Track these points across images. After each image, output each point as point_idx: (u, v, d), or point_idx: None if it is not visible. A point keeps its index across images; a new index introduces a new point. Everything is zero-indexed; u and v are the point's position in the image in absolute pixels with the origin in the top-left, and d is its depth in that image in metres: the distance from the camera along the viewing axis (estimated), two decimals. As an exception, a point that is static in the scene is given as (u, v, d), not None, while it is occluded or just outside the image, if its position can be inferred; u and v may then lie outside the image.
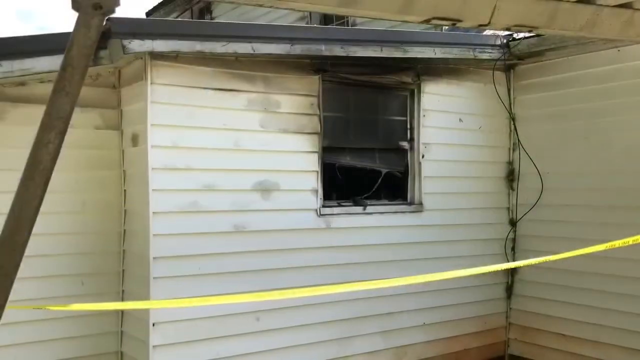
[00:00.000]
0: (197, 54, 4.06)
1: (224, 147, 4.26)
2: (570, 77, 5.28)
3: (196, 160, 4.17)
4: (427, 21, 1.58)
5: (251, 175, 4.37)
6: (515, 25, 1.69)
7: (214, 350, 4.25)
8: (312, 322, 4.66)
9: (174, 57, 4.06)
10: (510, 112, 5.67)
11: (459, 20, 1.60)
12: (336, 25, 7.89)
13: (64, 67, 1.51)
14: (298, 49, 4.29)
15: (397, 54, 4.73)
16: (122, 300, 4.47)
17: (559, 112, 5.36)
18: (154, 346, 4.02)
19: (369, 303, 4.89)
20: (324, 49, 4.43)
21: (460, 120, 5.45)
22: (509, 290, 5.71)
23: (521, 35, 5.20)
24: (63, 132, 1.53)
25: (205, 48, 4.00)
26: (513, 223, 5.69)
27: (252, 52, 4.14)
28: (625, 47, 4.75)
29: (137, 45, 3.73)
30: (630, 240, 2.87)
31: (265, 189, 4.41)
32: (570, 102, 5.27)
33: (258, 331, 4.42)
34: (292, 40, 4.27)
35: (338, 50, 4.48)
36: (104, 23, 1.62)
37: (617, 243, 2.91)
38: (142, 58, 4.01)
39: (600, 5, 1.79)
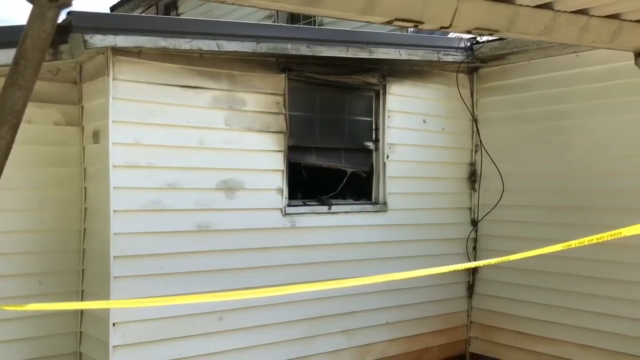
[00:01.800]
0: (161, 50, 4.01)
1: (188, 145, 4.22)
2: (531, 80, 5.40)
3: (159, 158, 4.11)
4: (389, 22, 1.59)
5: (215, 174, 4.33)
6: (476, 29, 1.72)
7: (176, 351, 4.20)
8: (275, 322, 4.65)
9: (137, 53, 4.00)
10: (472, 114, 5.77)
11: (421, 22, 1.61)
12: (303, 24, 7.89)
13: (17, 60, 1.47)
14: (264, 47, 4.27)
15: (362, 54, 4.76)
16: (82, 299, 4.39)
17: (520, 115, 5.48)
18: (114, 346, 3.96)
19: (333, 302, 4.90)
20: (290, 48, 4.42)
21: (424, 121, 5.52)
22: (470, 289, 5.81)
23: (484, 38, 5.29)
24: (15, 127, 1.49)
25: (170, 44, 3.95)
26: (474, 223, 5.79)
27: (217, 49, 4.10)
28: (584, 52, 4.89)
29: (98, 40, 3.66)
30: (585, 241, 2.95)
31: (229, 188, 4.38)
32: (531, 105, 5.39)
33: (221, 331, 4.39)
34: (257, 38, 4.25)
35: (304, 50, 4.48)
36: (64, 16, 1.58)
37: (574, 243, 2.98)
38: (104, 53, 3.94)
39: (558, 11, 1.84)
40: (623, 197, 4.70)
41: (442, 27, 1.69)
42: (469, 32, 1.75)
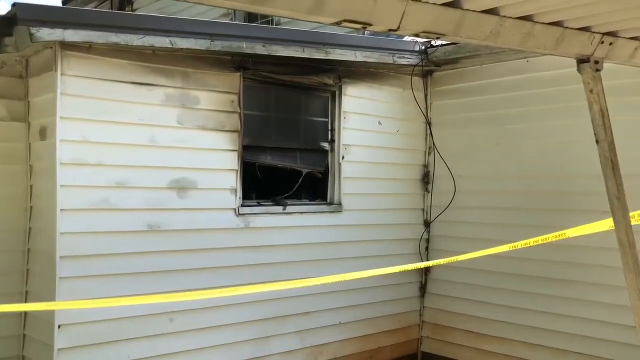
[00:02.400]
0: (112, 45, 3.91)
1: (138, 143, 4.14)
2: (483, 84, 5.51)
3: (109, 156, 4.02)
4: (337, 23, 1.59)
5: (167, 173, 4.26)
6: (424, 32, 1.74)
7: (124, 353, 4.11)
8: (229, 323, 4.60)
9: (87, 48, 3.90)
10: (426, 117, 5.85)
11: (369, 24, 1.62)
12: (260, 23, 7.84)
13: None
14: (218, 45, 4.22)
15: (318, 55, 4.76)
16: (26, 301, 4.24)
17: (472, 118, 5.59)
18: (59, 349, 3.84)
19: (286, 303, 4.89)
20: (245, 47, 4.39)
21: (379, 123, 5.56)
22: (423, 289, 5.89)
23: (438, 42, 5.37)
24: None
25: (121, 40, 3.86)
26: (427, 224, 5.88)
27: (170, 46, 4.04)
28: (533, 58, 5.02)
29: (45, 33, 3.55)
30: (531, 242, 3.03)
31: (181, 187, 4.31)
32: (483, 108, 5.50)
33: (172, 332, 4.32)
34: (212, 36, 4.20)
35: (259, 49, 4.45)
36: (9, 8, 1.52)
37: (520, 244, 3.06)
38: (52, 47, 3.83)
39: (504, 16, 1.87)
40: (569, 200, 4.84)
41: (390, 30, 1.70)
42: (416, 35, 1.77)
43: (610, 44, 2.23)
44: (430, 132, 5.85)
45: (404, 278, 5.68)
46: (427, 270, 5.85)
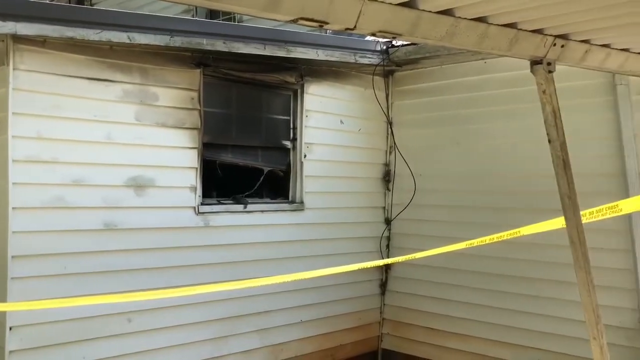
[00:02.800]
0: (67, 40, 3.82)
1: (94, 140, 4.05)
2: (443, 85, 5.59)
3: (63, 153, 3.92)
4: (294, 21, 1.58)
5: (124, 170, 4.18)
6: (380, 31, 1.75)
7: (79, 354, 4.02)
8: (187, 323, 4.55)
9: (41, 42, 3.79)
10: (388, 116, 5.90)
11: (326, 23, 1.62)
12: (222, 20, 7.78)
13: None
14: (178, 41, 4.17)
15: (280, 53, 4.74)
16: (-24, 302, 4.11)
17: (432, 118, 5.66)
18: (10, 351, 3.73)
19: (246, 302, 4.86)
20: (206, 43, 4.34)
21: (341, 122, 5.58)
22: (384, 286, 5.94)
23: (399, 42, 5.42)
24: None
25: (77, 35, 3.76)
26: (388, 222, 5.93)
27: (128, 41, 3.96)
28: (491, 59, 5.12)
29: (-4, 26, 3.43)
30: (486, 239, 3.09)
31: (139, 185, 4.24)
32: (442, 108, 5.58)
33: (129, 332, 4.24)
34: (171, 32, 4.14)
35: (220, 45, 4.41)
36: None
37: (476, 242, 3.12)
38: (3, 41, 3.71)
39: (459, 17, 1.90)
40: (525, 198, 4.95)
41: (347, 29, 1.70)
42: (373, 34, 1.78)
43: (562, 46, 2.28)
44: (392, 131, 5.90)
45: (364, 276, 5.72)
46: (387, 267, 5.90)
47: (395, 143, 5.86)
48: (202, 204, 4.58)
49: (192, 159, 4.51)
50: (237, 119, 4.99)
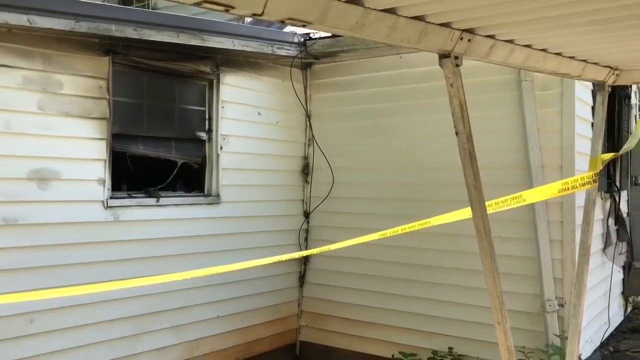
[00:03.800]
0: (-42, 21, 3.53)
1: (-9, 129, 3.77)
2: (360, 79, 5.65)
3: (-45, 143, 3.63)
4: (197, 4, 1.52)
5: (26, 162, 3.93)
6: (289, 19, 1.72)
7: (-25, 359, 3.75)
8: (97, 321, 4.35)
9: None
10: (306, 109, 5.89)
11: (232, 7, 1.57)
12: (136, 7, 7.48)
13: None
14: (84, 26, 3.95)
15: (194, 41, 4.61)
16: None
17: (349, 111, 5.71)
18: None
19: (161, 298, 4.72)
20: (115, 30, 4.15)
21: (259, 113, 5.52)
22: (302, 279, 5.95)
23: (317, 35, 5.43)
24: None
25: (-31, 15, 3.49)
26: (307, 214, 5.94)
27: (28, 25, 3.71)
28: (406, 54, 5.23)
29: None
30: (398, 230, 3.14)
31: (42, 178, 4.00)
32: (360, 102, 5.64)
33: (32, 334, 4.00)
34: (77, 16, 3.92)
35: (130, 32, 4.23)
36: None
37: (388, 232, 3.16)
38: None
39: (369, 8, 1.90)
40: (436, 190, 5.11)
41: (254, 14, 1.65)
42: (282, 22, 1.74)
43: (469, 40, 2.34)
44: (310, 124, 5.91)
45: (283, 269, 5.71)
46: (306, 260, 5.92)
47: (313, 136, 5.87)
48: (111, 197, 4.39)
49: (100, 150, 4.31)
50: (150, 109, 4.81)
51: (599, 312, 5.81)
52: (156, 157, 4.82)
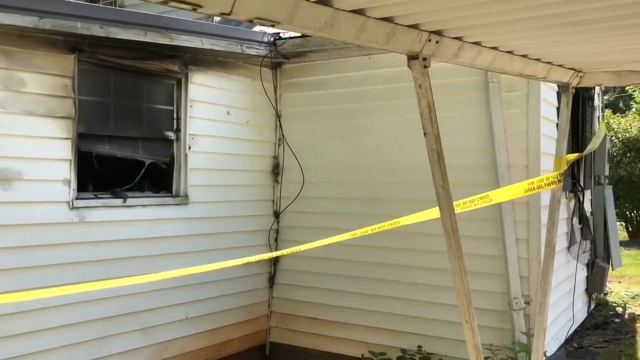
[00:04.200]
0: None
1: (-50, 129, 3.66)
2: (330, 79, 5.66)
3: None
4: (164, 2, 1.50)
5: (-13, 162, 3.83)
6: (257, 18, 1.70)
7: None
8: (62, 324, 4.26)
9: None
10: (276, 109, 5.88)
11: (199, 6, 1.55)
12: (103, 4, 7.36)
13: None
14: (48, 23, 3.86)
15: (162, 40, 4.56)
16: None
17: (320, 111, 5.72)
18: None
19: (129, 300, 4.65)
20: (81, 27, 4.07)
21: (228, 113, 5.48)
22: (272, 279, 5.93)
23: (287, 35, 5.41)
24: None
25: None
26: (277, 215, 5.92)
27: (-11, 21, 3.61)
28: (375, 55, 5.26)
29: None
30: (369, 230, 3.15)
31: (5, 179, 3.90)
32: (330, 102, 5.65)
33: (-9, 339, 3.89)
34: (41, 13, 3.84)
35: (97, 30, 4.15)
36: None
37: (358, 232, 3.17)
38: None
39: (338, 9, 1.90)
40: (407, 190, 5.14)
41: (222, 14, 1.64)
42: (250, 21, 1.73)
43: (437, 42, 2.36)
44: (280, 124, 5.89)
45: (253, 270, 5.68)
46: (276, 260, 5.90)
47: (283, 135, 5.86)
48: (77, 198, 4.30)
49: (65, 150, 4.22)
50: (116, 108, 4.74)
51: (564, 309, 5.93)
52: (123, 157, 4.74)
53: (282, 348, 5.84)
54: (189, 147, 5.11)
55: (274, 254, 4.58)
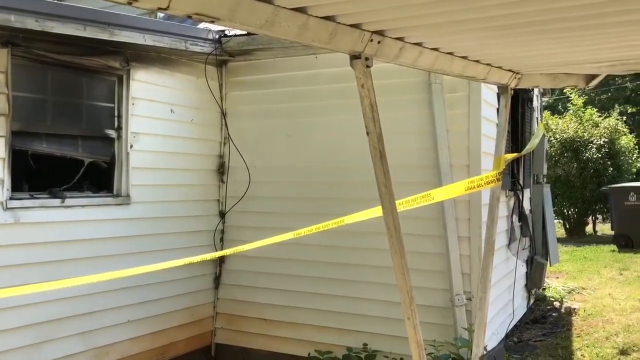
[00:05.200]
0: None
1: None
2: (277, 78, 5.63)
3: None
4: (97, -5, 1.45)
5: None
6: (196, 14, 1.67)
7: None
8: (-6, 331, 4.08)
9: None
10: (221, 107, 5.80)
11: (135, 0, 1.51)
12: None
13: None
14: (-22, 15, 3.69)
15: (103, 35, 4.42)
16: None
17: (266, 110, 5.68)
18: None
19: (67, 304, 4.49)
20: (14, 20, 3.90)
21: (172, 111, 5.38)
22: (217, 280, 5.85)
23: (232, 32, 5.36)
24: None
25: None
26: (222, 215, 5.85)
27: None
28: (322, 55, 5.26)
29: None
30: (313, 229, 3.15)
31: None
32: (276, 101, 5.63)
33: None
34: (-30, 4, 3.66)
35: (32, 24, 3.99)
36: None
37: (303, 231, 3.17)
38: None
39: (279, 6, 1.89)
40: (352, 189, 5.18)
41: (159, 8, 1.60)
42: (189, 16, 1.70)
43: (379, 42, 2.38)
44: (225, 123, 5.83)
45: (197, 271, 5.59)
46: (222, 261, 5.83)
47: (229, 134, 5.79)
48: (11, 198, 4.13)
49: (-2, 148, 4.04)
50: (54, 105, 4.57)
51: (504, 304, 6.11)
52: (61, 155, 4.58)
53: (228, 349, 5.78)
54: (131, 146, 4.98)
55: (217, 254, 4.52)
